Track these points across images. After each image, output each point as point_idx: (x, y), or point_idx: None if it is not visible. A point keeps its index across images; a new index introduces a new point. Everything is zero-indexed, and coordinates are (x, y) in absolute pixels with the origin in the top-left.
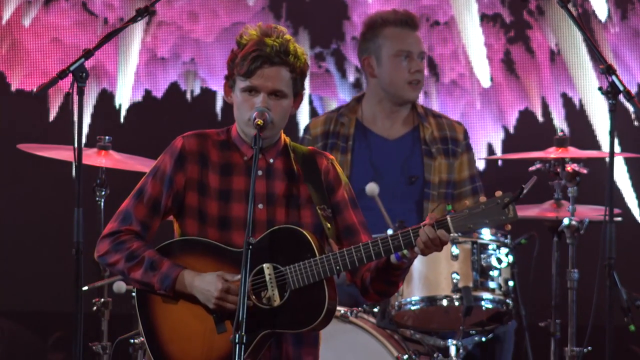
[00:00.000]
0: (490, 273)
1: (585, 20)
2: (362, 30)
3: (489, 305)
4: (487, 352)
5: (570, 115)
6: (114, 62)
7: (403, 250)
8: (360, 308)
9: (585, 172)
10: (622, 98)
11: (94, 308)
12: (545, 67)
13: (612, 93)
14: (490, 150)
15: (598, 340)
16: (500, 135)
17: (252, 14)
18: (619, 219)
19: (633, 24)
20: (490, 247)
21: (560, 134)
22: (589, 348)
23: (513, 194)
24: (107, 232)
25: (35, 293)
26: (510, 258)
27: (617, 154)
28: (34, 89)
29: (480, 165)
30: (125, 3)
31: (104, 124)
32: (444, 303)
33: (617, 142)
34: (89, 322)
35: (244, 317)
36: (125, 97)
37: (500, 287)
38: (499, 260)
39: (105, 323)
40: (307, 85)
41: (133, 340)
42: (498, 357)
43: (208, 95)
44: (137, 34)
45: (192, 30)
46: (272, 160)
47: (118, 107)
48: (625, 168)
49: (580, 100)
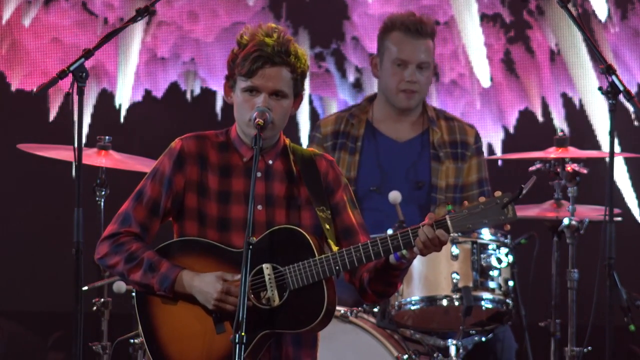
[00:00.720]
0: (490, 273)
1: (585, 20)
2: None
3: (489, 305)
4: (487, 352)
5: (570, 115)
6: (114, 62)
7: (402, 251)
8: (360, 308)
9: (585, 172)
10: (622, 98)
11: (94, 308)
12: (545, 67)
13: (612, 93)
14: (490, 150)
15: (598, 340)
16: (500, 135)
17: (252, 14)
18: (619, 219)
19: (633, 24)
20: (490, 247)
21: (560, 134)
22: (589, 348)
23: (512, 194)
24: (106, 234)
25: (35, 293)
26: (510, 258)
27: (617, 154)
28: (34, 89)
29: None
30: (125, 3)
31: (104, 124)
32: (444, 303)
33: (617, 142)
34: (89, 322)
35: (244, 317)
36: (125, 97)
37: (500, 287)
38: (499, 260)
39: (105, 323)
40: (307, 86)
41: (133, 341)
42: (499, 357)
43: (208, 95)
44: (137, 34)
45: (192, 30)
46: (271, 162)
47: (118, 107)
48: (625, 168)
49: (580, 100)
